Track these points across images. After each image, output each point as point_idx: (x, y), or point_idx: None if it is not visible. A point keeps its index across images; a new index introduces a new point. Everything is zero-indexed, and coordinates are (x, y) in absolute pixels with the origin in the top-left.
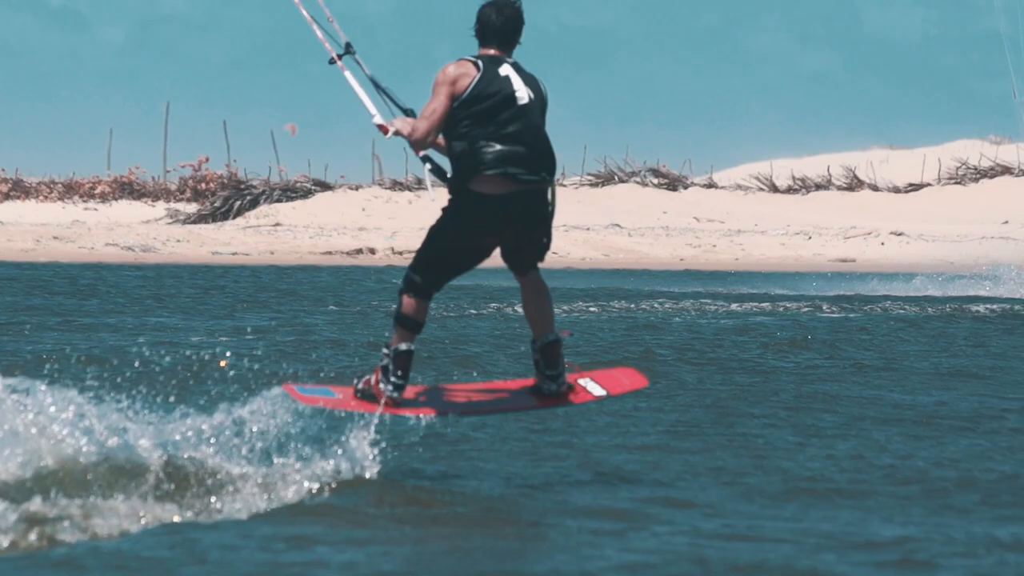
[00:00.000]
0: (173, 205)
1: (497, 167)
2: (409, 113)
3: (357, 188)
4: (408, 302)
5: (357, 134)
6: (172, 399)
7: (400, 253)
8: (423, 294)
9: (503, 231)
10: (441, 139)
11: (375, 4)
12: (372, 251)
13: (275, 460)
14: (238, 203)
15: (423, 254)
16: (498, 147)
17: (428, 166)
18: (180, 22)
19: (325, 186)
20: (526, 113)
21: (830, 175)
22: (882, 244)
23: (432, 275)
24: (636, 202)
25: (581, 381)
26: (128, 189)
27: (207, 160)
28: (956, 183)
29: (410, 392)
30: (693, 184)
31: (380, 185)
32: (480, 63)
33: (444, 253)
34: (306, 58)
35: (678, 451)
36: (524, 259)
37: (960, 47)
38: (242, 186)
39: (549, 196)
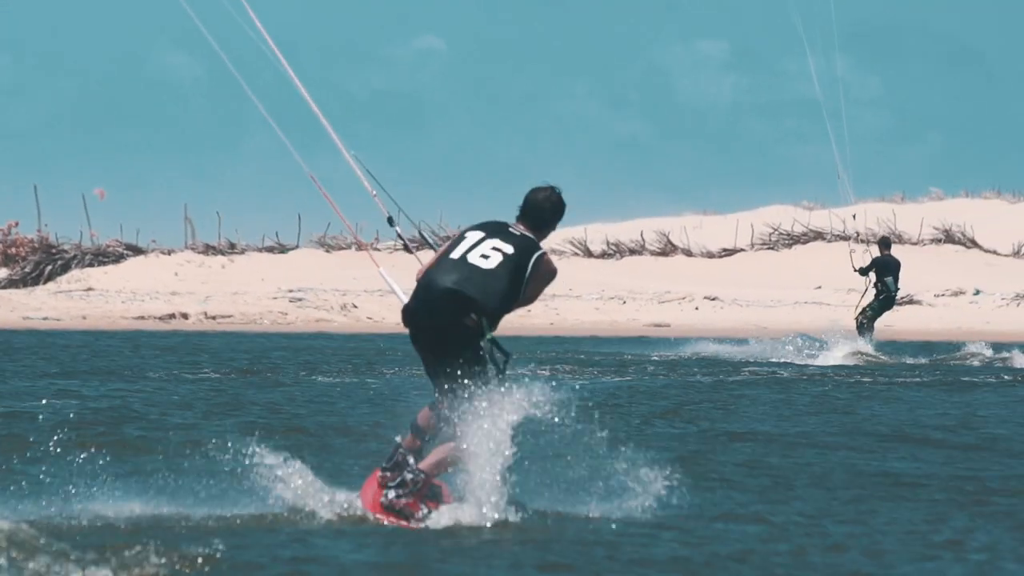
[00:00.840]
0: None
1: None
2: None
3: (169, 252)
4: None
5: (169, 197)
6: None
7: (213, 318)
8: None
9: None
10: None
11: (187, 69)
12: (185, 316)
13: None
14: (49, 268)
15: None
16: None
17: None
18: None
19: (137, 250)
20: (451, 265)
21: (644, 240)
22: (696, 309)
23: None
24: None
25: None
26: None
27: (17, 224)
28: (769, 248)
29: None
30: None
31: (193, 249)
32: (486, 221)
33: None
34: (116, 122)
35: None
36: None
37: (771, 114)
38: (53, 251)
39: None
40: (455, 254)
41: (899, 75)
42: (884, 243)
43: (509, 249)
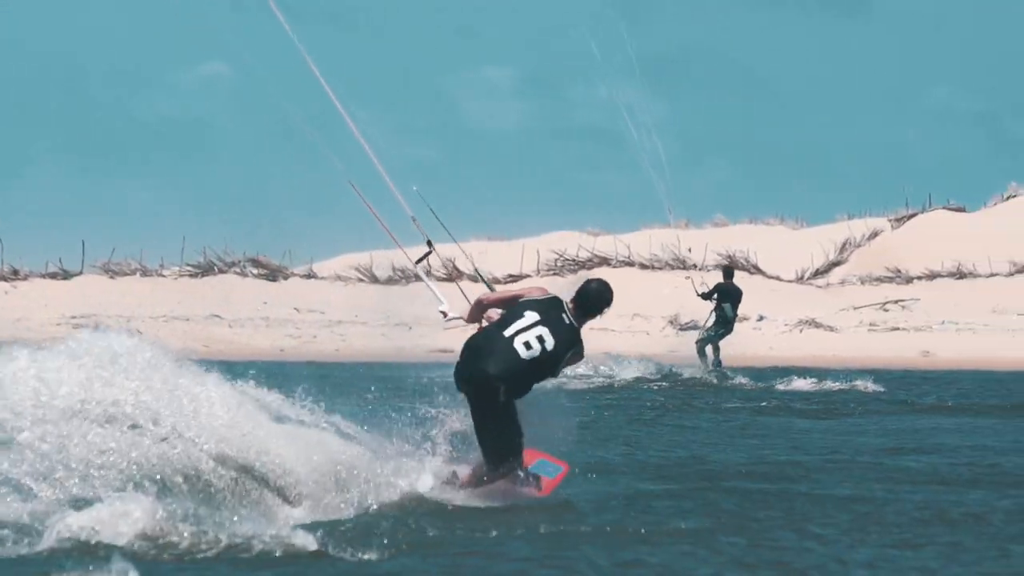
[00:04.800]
0: None
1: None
2: (489, 286)
3: None
4: None
5: None
6: None
7: None
8: None
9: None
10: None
11: None
12: None
13: None
14: None
15: None
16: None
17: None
18: None
19: None
20: (498, 346)
21: (430, 266)
22: None
23: None
24: (236, 292)
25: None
26: None
27: None
28: (555, 274)
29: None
30: (293, 275)
31: None
32: (547, 299)
33: None
34: None
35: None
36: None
37: (558, 140)
38: None
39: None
40: (507, 331)
41: (683, 102)
42: (727, 272)
43: (550, 345)
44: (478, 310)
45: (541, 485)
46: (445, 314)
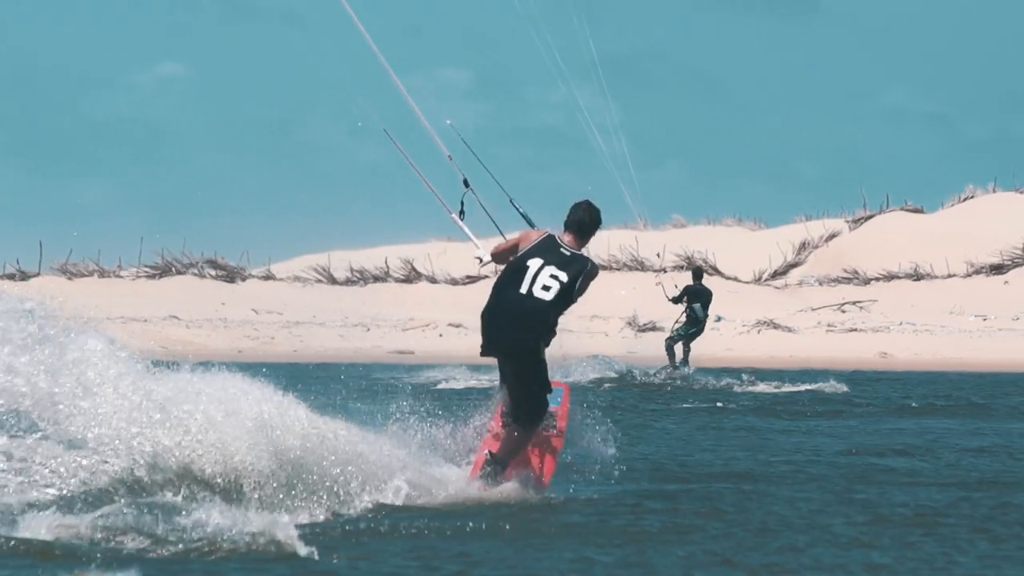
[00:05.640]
0: None
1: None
2: (529, 222)
3: None
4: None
5: None
6: None
7: None
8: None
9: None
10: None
11: None
12: None
13: None
14: None
15: None
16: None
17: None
18: None
19: None
20: (519, 304)
21: (388, 267)
22: (440, 336)
23: None
24: (194, 293)
25: None
26: None
27: None
28: None
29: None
30: (251, 276)
31: None
32: (540, 241)
33: None
34: None
35: None
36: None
37: (513, 141)
38: None
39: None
40: (522, 288)
41: (637, 104)
42: (696, 273)
43: (564, 277)
44: (500, 258)
45: (556, 422)
46: (481, 259)
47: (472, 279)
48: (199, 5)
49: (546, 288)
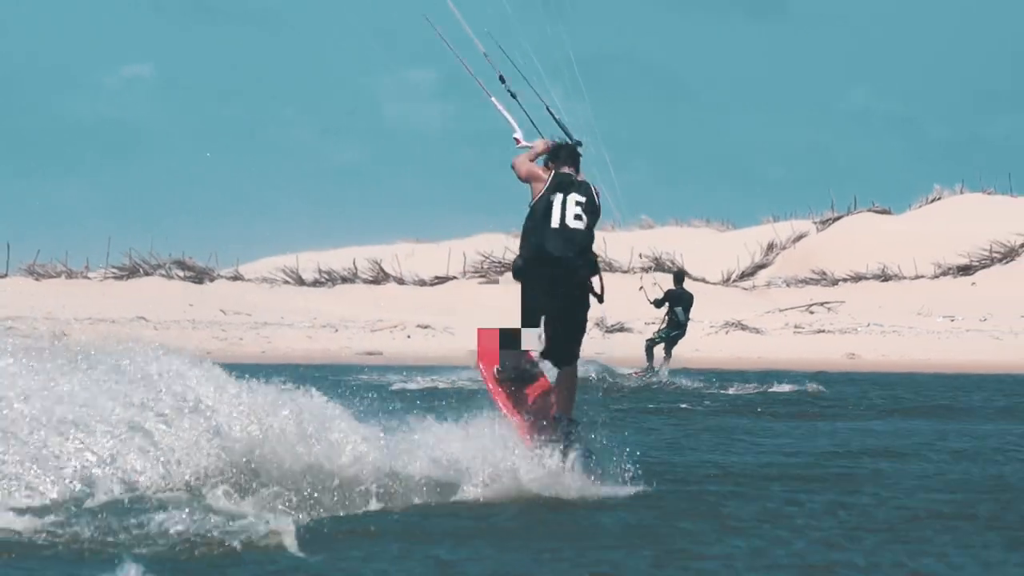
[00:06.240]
0: None
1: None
2: (566, 131)
3: None
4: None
5: None
6: None
7: None
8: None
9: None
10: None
11: None
12: None
13: None
14: None
15: None
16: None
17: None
18: None
19: None
20: (558, 238)
21: (356, 268)
22: (408, 337)
23: None
24: (162, 295)
25: None
26: None
27: None
28: (481, 276)
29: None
30: (220, 277)
31: None
32: (552, 178)
33: None
34: None
35: None
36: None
37: (479, 141)
38: None
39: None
40: (555, 223)
41: (603, 105)
42: (678, 277)
43: (583, 199)
44: (519, 169)
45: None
46: (518, 140)
47: (440, 279)
48: (165, 5)
49: (578, 217)
